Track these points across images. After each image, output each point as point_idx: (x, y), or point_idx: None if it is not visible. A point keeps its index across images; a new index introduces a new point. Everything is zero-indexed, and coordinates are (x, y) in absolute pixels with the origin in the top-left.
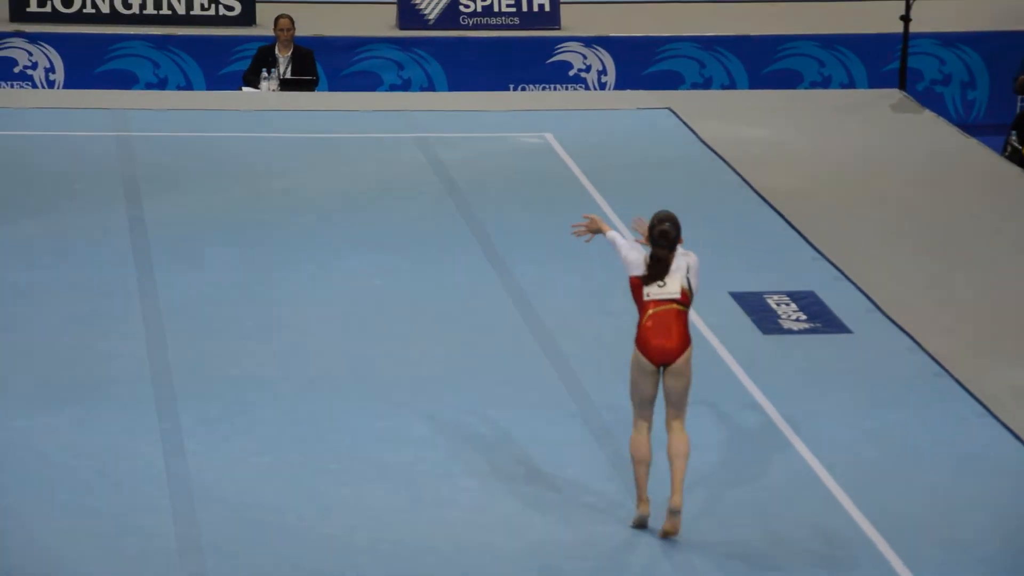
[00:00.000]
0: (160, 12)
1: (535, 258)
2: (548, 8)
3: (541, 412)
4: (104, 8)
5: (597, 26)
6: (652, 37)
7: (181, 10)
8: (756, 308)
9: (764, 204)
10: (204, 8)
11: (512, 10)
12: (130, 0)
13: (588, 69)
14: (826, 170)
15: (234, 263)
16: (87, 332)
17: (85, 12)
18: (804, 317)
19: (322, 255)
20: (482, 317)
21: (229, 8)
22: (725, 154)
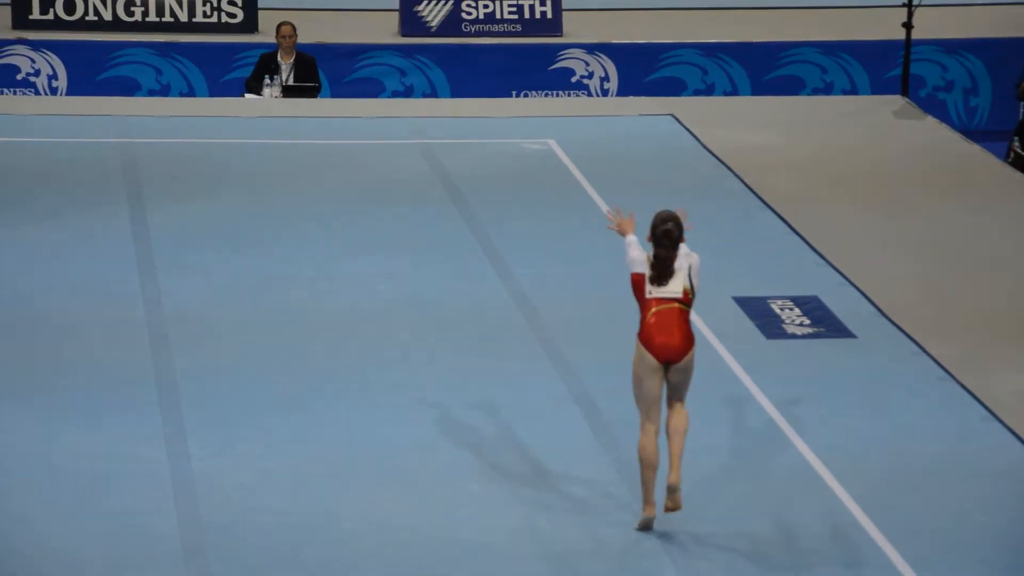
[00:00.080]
0: (162, 19)
1: (538, 263)
2: (550, 15)
3: (545, 415)
4: (106, 15)
5: (599, 33)
6: (654, 44)
7: (183, 17)
8: (760, 313)
9: (767, 209)
10: (206, 15)
11: (514, 17)
12: (132, 7)
13: (590, 76)
14: (829, 176)
15: (237, 268)
16: (91, 337)
17: (87, 19)
18: (808, 322)
19: (325, 261)
20: (486, 322)
21: (231, 15)
22: (728, 160)
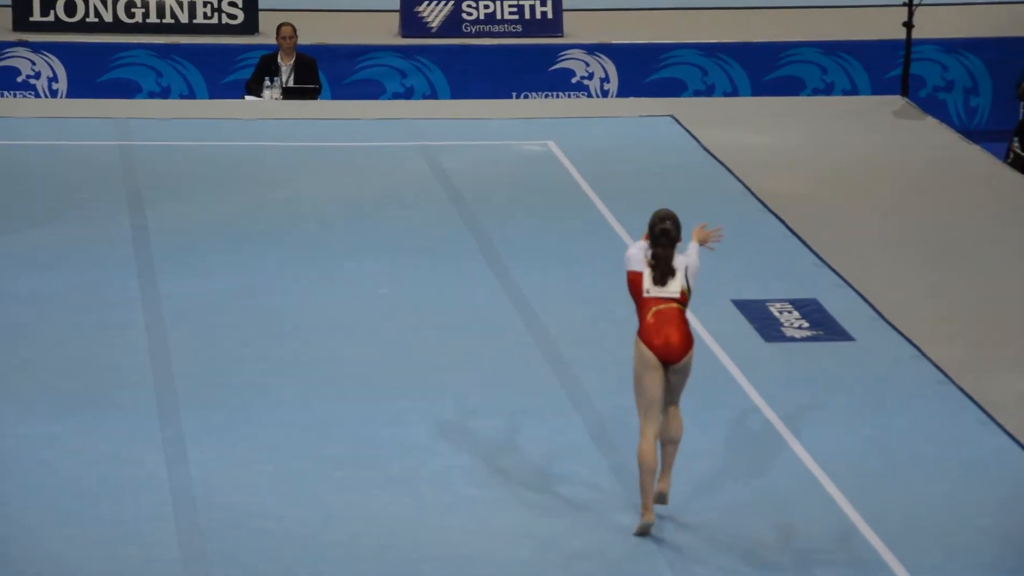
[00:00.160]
0: (163, 21)
1: (538, 265)
2: (550, 16)
3: (545, 419)
4: (107, 17)
5: (599, 34)
6: (654, 44)
7: (184, 19)
8: (758, 316)
9: (767, 211)
10: (207, 17)
11: (515, 18)
12: (133, 9)
13: (591, 76)
14: (829, 177)
15: (237, 271)
16: (91, 340)
17: (88, 21)
18: (807, 325)
19: (325, 263)
20: (485, 324)
21: (232, 17)
22: (728, 161)
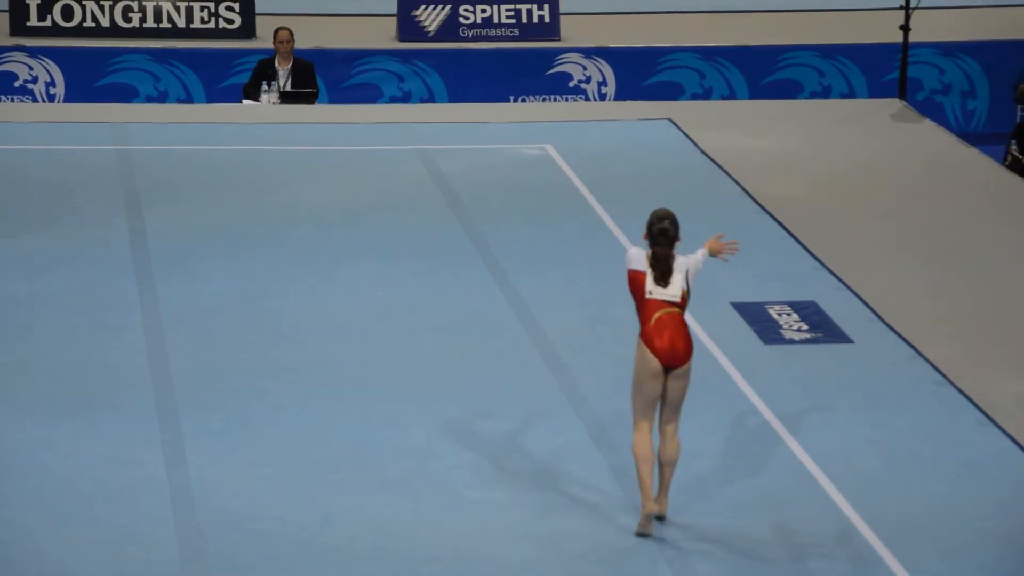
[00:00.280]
0: (160, 25)
1: (536, 268)
2: (548, 19)
3: (543, 422)
4: (104, 22)
5: (597, 37)
6: (652, 48)
7: (181, 23)
8: (757, 318)
9: (765, 214)
10: (204, 21)
11: (512, 22)
12: (130, 14)
13: (588, 80)
14: (827, 180)
15: (235, 274)
16: (88, 343)
17: (85, 26)
18: (805, 327)
19: (323, 266)
20: (483, 327)
21: (229, 21)
22: (726, 164)
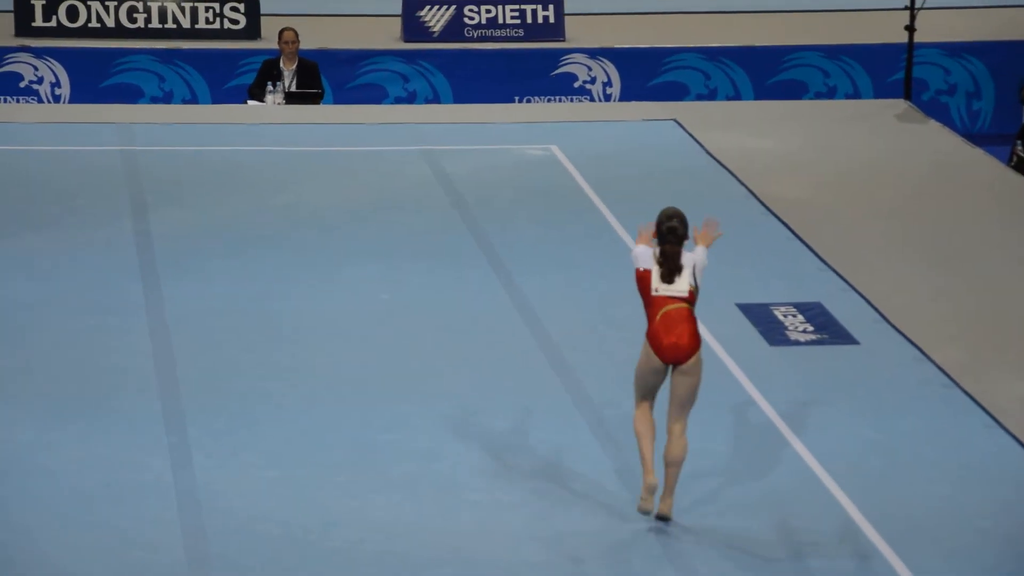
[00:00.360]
0: (165, 26)
1: (540, 270)
2: (553, 20)
3: (547, 423)
4: (109, 22)
5: (602, 38)
6: (657, 48)
7: (186, 24)
8: (763, 319)
9: (770, 215)
10: (209, 22)
11: (517, 22)
12: (135, 14)
13: (593, 81)
14: (832, 180)
15: (240, 276)
16: (92, 345)
17: (90, 26)
18: (811, 328)
19: (328, 268)
20: (488, 328)
21: (234, 22)
22: (731, 165)
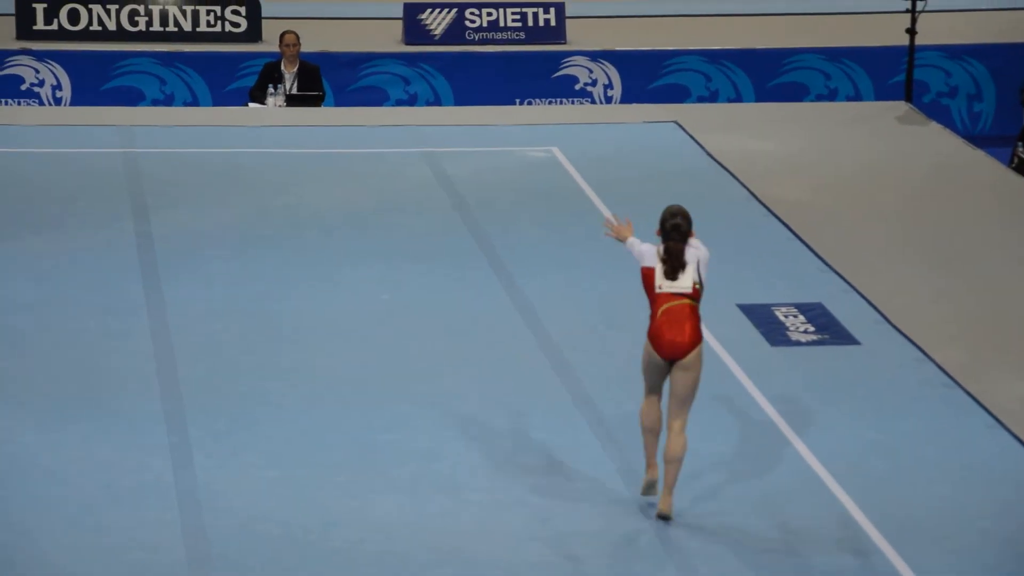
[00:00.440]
0: (166, 29)
1: (542, 271)
2: (554, 23)
3: (547, 423)
4: (110, 25)
5: (603, 40)
6: (658, 51)
7: (187, 27)
8: (764, 320)
9: (771, 216)
10: (210, 25)
11: (518, 25)
12: (136, 17)
13: (594, 83)
14: (833, 182)
15: (240, 277)
16: (93, 347)
17: (92, 29)
18: (812, 329)
19: (328, 269)
20: (488, 329)
21: (235, 25)
22: (732, 167)
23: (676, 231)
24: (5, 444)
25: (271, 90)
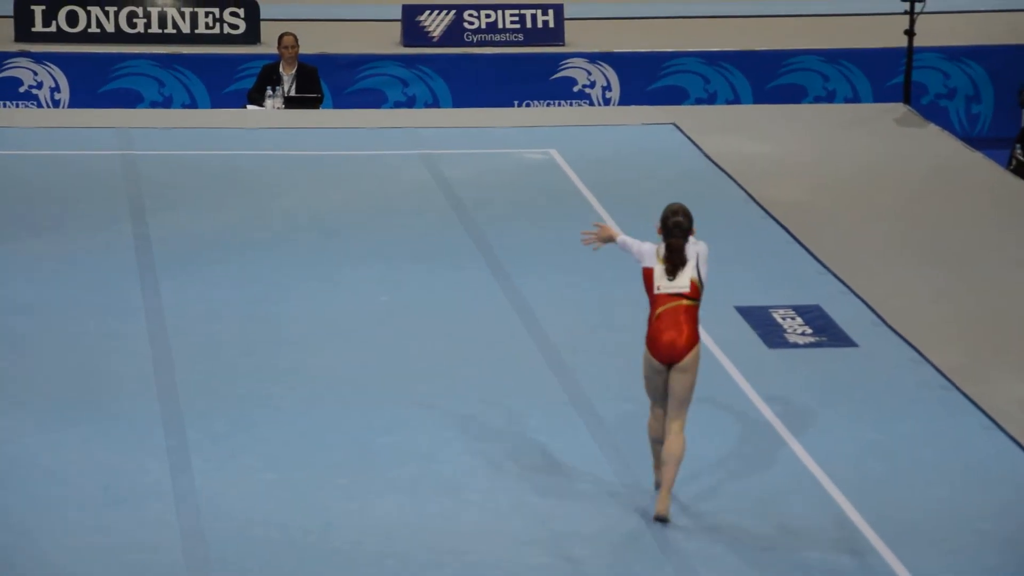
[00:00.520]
0: (165, 31)
1: (540, 273)
2: (552, 24)
3: (546, 424)
4: (109, 27)
5: (601, 42)
6: (656, 53)
7: (186, 29)
8: (762, 322)
9: (769, 218)
10: (208, 27)
11: (516, 27)
12: (135, 19)
13: (592, 85)
14: (831, 184)
15: (239, 279)
16: (92, 349)
17: (90, 31)
18: (810, 331)
19: (327, 271)
20: (487, 332)
21: (233, 27)
22: (730, 169)
23: (678, 228)
24: (5, 445)
25: (269, 92)
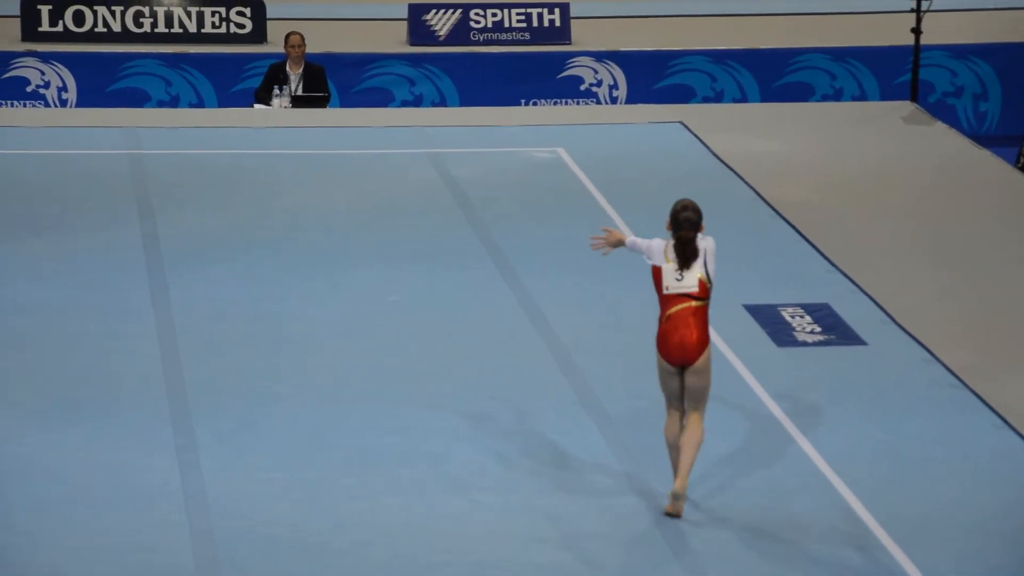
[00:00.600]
0: (172, 30)
1: (548, 272)
2: (559, 23)
3: (555, 424)
4: (116, 27)
5: (608, 41)
6: (663, 51)
7: (192, 28)
8: (771, 321)
9: (777, 217)
10: (215, 26)
11: (523, 25)
12: (142, 19)
13: (599, 84)
14: (839, 182)
15: (246, 278)
16: (99, 349)
17: (97, 31)
18: (819, 329)
19: (334, 271)
20: (495, 332)
21: (240, 26)
22: (737, 167)
23: (687, 222)
24: (10, 445)
25: (276, 91)
